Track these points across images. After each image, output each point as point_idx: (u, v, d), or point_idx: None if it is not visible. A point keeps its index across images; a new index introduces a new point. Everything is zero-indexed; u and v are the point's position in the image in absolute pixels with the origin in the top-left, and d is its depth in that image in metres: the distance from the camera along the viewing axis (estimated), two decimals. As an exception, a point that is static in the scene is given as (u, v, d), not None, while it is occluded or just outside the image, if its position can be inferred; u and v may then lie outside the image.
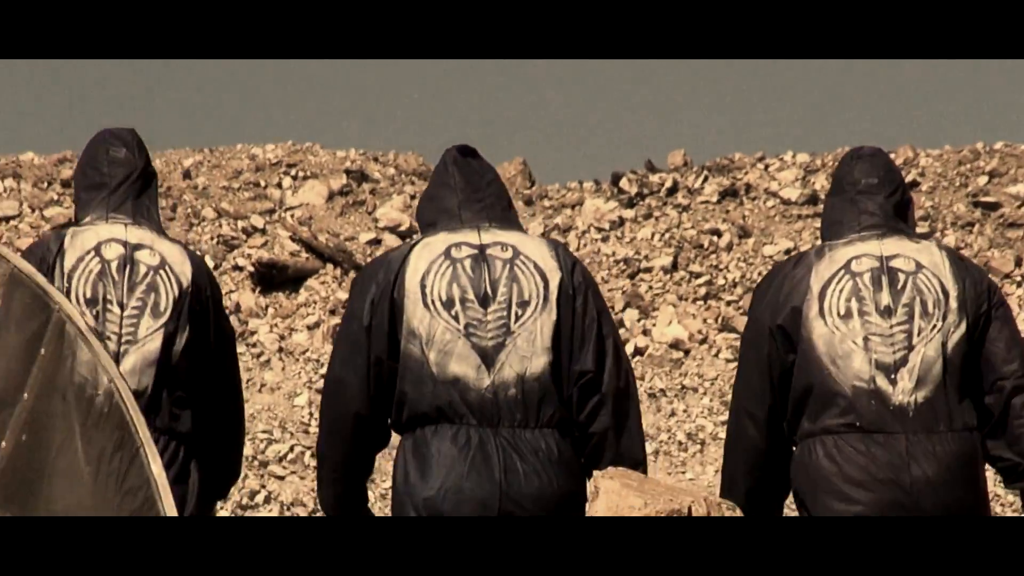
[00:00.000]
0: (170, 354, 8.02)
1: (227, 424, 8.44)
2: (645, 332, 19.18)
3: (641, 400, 18.21)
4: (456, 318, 7.75)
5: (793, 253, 20.73)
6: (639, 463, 7.86)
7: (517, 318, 7.86)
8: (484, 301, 7.86)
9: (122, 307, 8.02)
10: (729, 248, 21.25)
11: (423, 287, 7.76)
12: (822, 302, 7.96)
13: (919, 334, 7.88)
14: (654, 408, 17.99)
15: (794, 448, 8.15)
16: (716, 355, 18.85)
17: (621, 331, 18.87)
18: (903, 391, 7.72)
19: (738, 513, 7.84)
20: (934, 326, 7.86)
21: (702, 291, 20.24)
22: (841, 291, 8.00)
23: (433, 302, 7.76)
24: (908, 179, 23.29)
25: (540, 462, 7.54)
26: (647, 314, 19.56)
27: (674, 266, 20.69)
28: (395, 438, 8.42)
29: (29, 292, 5.83)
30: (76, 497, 6.51)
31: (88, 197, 8.55)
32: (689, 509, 7.19)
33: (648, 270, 20.54)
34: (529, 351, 7.79)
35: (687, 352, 19.09)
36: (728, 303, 19.89)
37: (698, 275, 20.51)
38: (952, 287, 7.78)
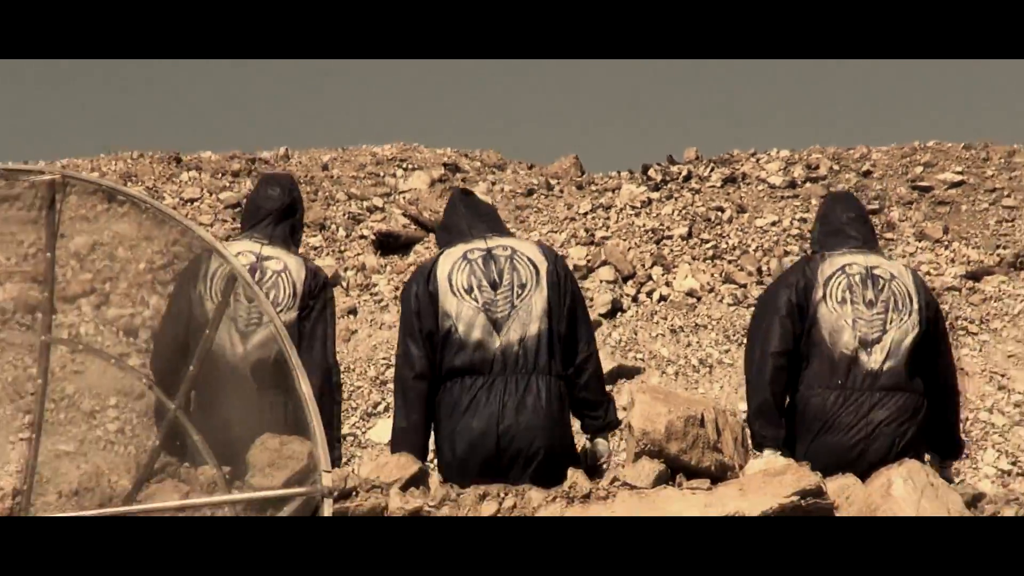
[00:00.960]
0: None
1: (324, 399, 7.94)
2: (667, 284, 19.46)
3: (663, 335, 19.04)
4: (475, 300, 8.82)
5: (778, 226, 21.71)
6: (606, 403, 9.22)
7: (519, 296, 8.92)
8: (493, 286, 8.90)
9: (249, 300, 7.94)
10: (730, 221, 21.44)
11: (449, 281, 8.84)
12: (826, 289, 9.04)
13: (891, 323, 8.96)
14: (674, 340, 18.33)
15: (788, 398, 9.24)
16: (720, 301, 19.28)
17: (649, 284, 19.80)
18: (875, 361, 8.80)
19: (738, 418, 8.97)
20: (902, 319, 8.93)
21: (710, 253, 20.60)
22: (839, 284, 9.08)
23: (458, 290, 8.82)
24: (863, 170, 24.01)
25: (535, 397, 8.55)
26: (668, 270, 19.91)
27: (689, 235, 21.04)
28: None
29: (216, 256, 6.05)
30: (243, 404, 6.78)
31: (245, 221, 9.82)
32: (701, 415, 8.01)
33: (669, 237, 20.75)
34: (527, 319, 8.87)
35: (699, 299, 19.04)
36: (729, 262, 19.87)
37: (707, 241, 20.67)
38: (915, 295, 9.00)
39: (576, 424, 9.52)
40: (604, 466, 9.16)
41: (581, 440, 9.63)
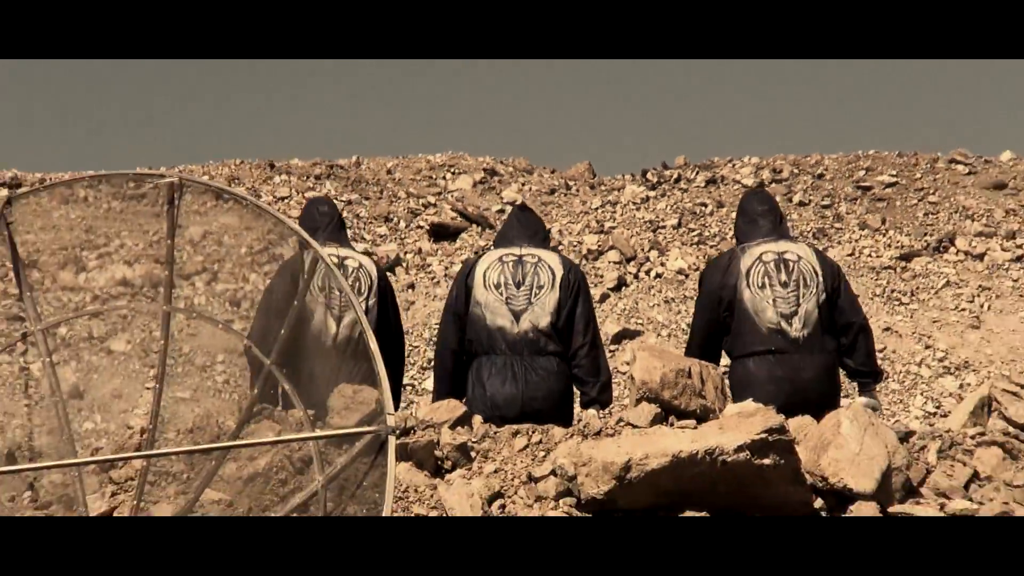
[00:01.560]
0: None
1: (394, 359, 9.10)
2: (662, 264, 19.72)
3: (659, 304, 19.16)
4: (501, 294, 9.09)
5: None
6: (600, 380, 9.26)
7: (536, 295, 9.16)
8: (518, 285, 9.15)
9: (340, 291, 8.03)
10: (711, 214, 21.77)
11: (484, 277, 9.11)
12: (748, 279, 9.12)
13: (802, 297, 9.03)
14: (667, 309, 18.51)
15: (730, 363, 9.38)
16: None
17: (647, 264, 20.14)
18: (795, 330, 8.91)
19: (719, 371, 8.97)
20: (810, 292, 9.01)
21: (695, 240, 20.58)
22: (758, 273, 9.16)
23: (488, 285, 9.10)
24: (817, 173, 24.27)
25: (545, 374, 8.86)
26: (662, 253, 20.13)
27: (679, 225, 21.27)
28: None
29: (299, 239, 5.52)
30: (324, 363, 6.81)
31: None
32: (689, 369, 8.03)
33: (663, 227, 21.09)
34: (540, 314, 9.08)
35: (687, 276, 19.40)
36: (711, 247, 20.18)
37: (693, 230, 20.99)
38: (819, 270, 9.05)
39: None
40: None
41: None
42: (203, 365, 5.59)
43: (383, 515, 4.78)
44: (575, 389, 9.41)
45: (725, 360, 9.42)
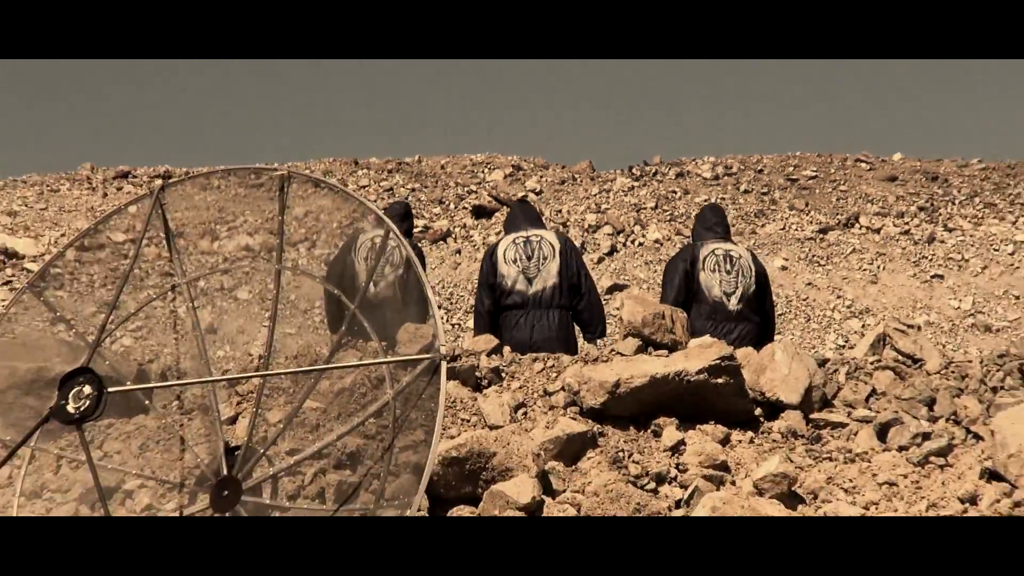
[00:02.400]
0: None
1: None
2: (643, 235, 20.09)
3: (641, 265, 19.43)
4: (518, 265, 9.50)
5: (707, 202, 22.33)
6: (598, 324, 9.66)
7: (542, 264, 9.51)
8: (528, 258, 9.55)
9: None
10: (680, 198, 22.15)
11: (504, 255, 9.52)
12: (703, 264, 9.60)
13: (740, 283, 9.51)
14: (647, 268, 18.68)
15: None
16: (674, 246, 19.47)
17: (632, 235, 20.34)
18: (733, 304, 9.36)
19: (684, 315, 9.09)
20: (747, 280, 9.50)
21: (667, 218, 20.85)
22: (710, 261, 9.65)
23: (507, 261, 9.51)
24: (758, 168, 24.44)
25: (553, 323, 9.22)
26: (644, 227, 20.42)
27: (656, 207, 21.60)
28: None
29: (375, 216, 5.23)
30: (393, 309, 6.92)
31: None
32: (663, 312, 7.91)
33: (644, 208, 21.35)
34: (547, 277, 9.46)
35: (661, 245, 19.90)
36: (681, 223, 20.74)
37: (666, 211, 21.26)
38: (752, 266, 9.55)
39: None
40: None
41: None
42: (304, 309, 5.64)
43: (436, 423, 4.77)
44: (580, 329, 9.80)
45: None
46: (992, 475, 6.02)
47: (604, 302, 11.83)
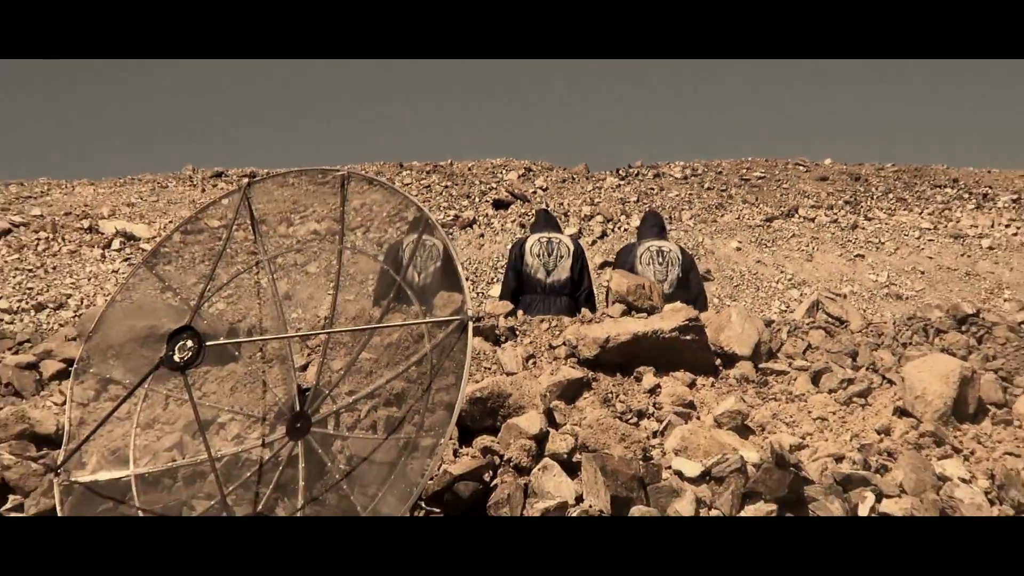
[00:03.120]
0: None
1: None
2: (627, 223, 19.91)
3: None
4: (540, 259, 9.26)
5: (677, 198, 22.13)
6: (592, 310, 8.64)
7: (559, 260, 9.29)
8: (549, 254, 9.32)
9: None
10: (657, 195, 22.06)
11: (530, 248, 9.28)
12: (640, 258, 9.34)
13: (670, 272, 9.20)
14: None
15: None
16: None
17: (620, 223, 20.23)
18: (666, 288, 8.97)
19: (656, 287, 9.06)
20: (674, 269, 9.18)
21: (646, 208, 20.67)
22: (646, 255, 9.36)
23: (532, 254, 9.26)
24: (717, 171, 24.45)
25: (562, 306, 8.85)
26: (628, 216, 20.29)
27: (638, 200, 21.48)
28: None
29: (416, 208, 5.24)
30: (433, 282, 7.29)
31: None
32: (644, 284, 7.82)
33: (628, 201, 21.21)
34: (563, 271, 9.22)
35: None
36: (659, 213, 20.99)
37: (645, 204, 21.14)
38: (680, 257, 9.28)
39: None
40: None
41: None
42: (360, 280, 5.65)
43: (464, 370, 4.79)
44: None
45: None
46: (902, 412, 6.16)
47: (596, 275, 11.82)
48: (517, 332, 7.29)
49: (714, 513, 5.17)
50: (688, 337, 6.57)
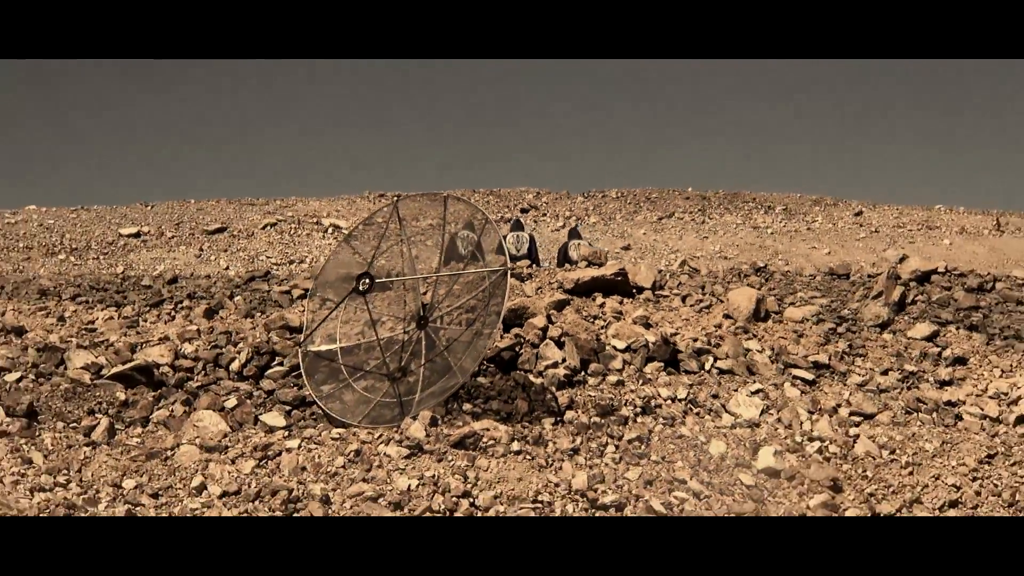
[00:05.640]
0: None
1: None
2: (592, 225, 18.18)
3: (598, 237, 16.01)
4: (515, 245, 8.28)
5: (613, 218, 19.68)
6: (538, 267, 8.11)
7: (523, 244, 8.38)
8: (516, 241, 8.38)
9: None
10: (601, 206, 20.06)
11: (508, 240, 8.21)
12: (569, 246, 8.27)
13: (570, 252, 8.19)
14: (595, 239, 17.54)
15: None
16: (600, 226, 17.37)
17: (581, 220, 17.96)
18: (574, 256, 7.98)
19: (604, 251, 8.10)
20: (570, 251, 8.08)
21: (597, 217, 19.86)
22: (571, 245, 8.36)
23: (509, 242, 8.20)
24: (653, 198, 21.34)
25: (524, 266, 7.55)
26: (584, 219, 19.43)
27: (593, 208, 19.71)
28: None
29: (481, 213, 5.08)
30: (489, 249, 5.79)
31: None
32: (598, 252, 7.76)
33: (589, 212, 20.34)
34: (523, 251, 8.27)
35: (596, 225, 19.09)
36: (607, 217, 19.02)
37: (597, 212, 19.93)
38: (591, 247, 7.87)
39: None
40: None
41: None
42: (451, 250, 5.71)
43: (505, 296, 4.60)
44: None
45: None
46: (727, 315, 6.15)
47: (550, 250, 10.86)
48: (532, 277, 7.15)
49: (630, 369, 5.30)
50: (619, 278, 6.46)
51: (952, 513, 3.76)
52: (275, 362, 5.20)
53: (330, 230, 14.78)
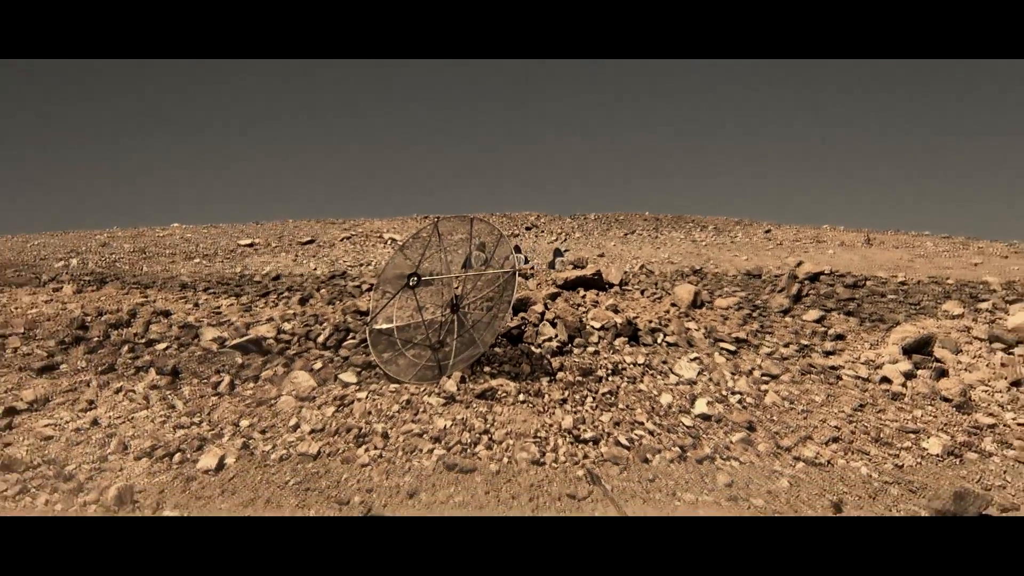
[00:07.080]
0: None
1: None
2: (576, 240, 17.04)
3: (581, 248, 14.91)
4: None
5: (583, 232, 18.39)
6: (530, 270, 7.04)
7: (520, 263, 7.05)
8: (518, 249, 7.48)
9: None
10: (583, 225, 18.85)
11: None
12: (555, 259, 7.58)
13: (556, 264, 7.53)
14: (577, 250, 16.37)
15: None
16: (581, 243, 16.29)
17: (569, 243, 16.73)
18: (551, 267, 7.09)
19: (588, 258, 8.31)
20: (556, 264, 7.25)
21: (581, 232, 18.04)
22: (557, 261, 7.76)
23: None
24: (622, 219, 19.51)
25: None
26: (570, 234, 17.49)
27: (577, 226, 18.09)
28: None
29: (497, 230, 4.64)
30: (502, 253, 5.17)
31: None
32: (583, 258, 7.56)
33: (575, 230, 19.50)
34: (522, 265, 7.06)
35: (582, 240, 18.50)
36: (586, 234, 17.90)
37: (580, 231, 18.48)
38: (570, 263, 7.14)
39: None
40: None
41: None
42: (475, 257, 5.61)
43: (513, 290, 4.43)
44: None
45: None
46: (673, 304, 5.83)
47: (542, 262, 9.91)
48: (533, 274, 6.93)
49: (604, 342, 5.07)
50: (596, 277, 6.30)
51: (834, 447, 3.55)
52: (349, 336, 5.15)
53: (389, 242, 14.68)
